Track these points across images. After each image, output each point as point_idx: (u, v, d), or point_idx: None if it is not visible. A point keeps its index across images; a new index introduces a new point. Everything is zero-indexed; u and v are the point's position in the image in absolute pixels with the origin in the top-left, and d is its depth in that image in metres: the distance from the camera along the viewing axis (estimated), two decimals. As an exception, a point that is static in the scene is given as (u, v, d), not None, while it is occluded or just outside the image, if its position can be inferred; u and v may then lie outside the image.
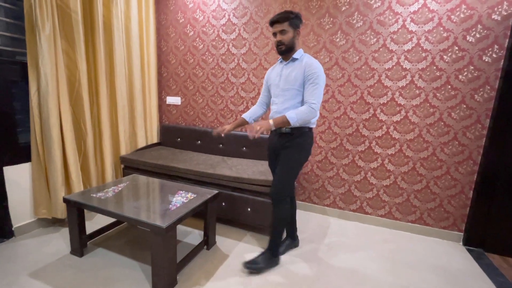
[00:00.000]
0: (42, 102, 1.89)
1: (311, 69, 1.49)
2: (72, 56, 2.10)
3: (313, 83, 1.47)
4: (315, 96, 1.47)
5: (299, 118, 1.45)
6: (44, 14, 1.81)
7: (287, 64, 1.61)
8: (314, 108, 1.46)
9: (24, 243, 1.90)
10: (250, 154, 2.65)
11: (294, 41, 1.55)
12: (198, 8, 2.76)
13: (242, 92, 2.72)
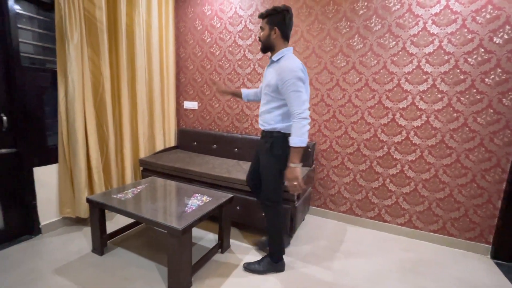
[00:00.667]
0: (69, 106, 2.01)
1: (283, 78, 1.38)
2: (97, 63, 2.22)
3: (291, 91, 1.37)
4: (298, 105, 1.37)
5: (300, 135, 1.37)
6: (73, 25, 1.93)
7: (269, 66, 1.56)
8: (304, 117, 1.37)
9: (50, 240, 2.00)
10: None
11: (270, 40, 1.47)
12: (215, 15, 2.83)
13: (258, 96, 2.74)
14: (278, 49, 1.49)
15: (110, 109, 2.33)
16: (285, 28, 1.46)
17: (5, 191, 1.88)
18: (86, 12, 2.08)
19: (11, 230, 1.94)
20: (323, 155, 2.53)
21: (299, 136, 1.37)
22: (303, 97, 1.38)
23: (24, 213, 1.99)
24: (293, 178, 1.39)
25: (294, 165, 1.40)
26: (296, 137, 1.38)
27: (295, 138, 1.38)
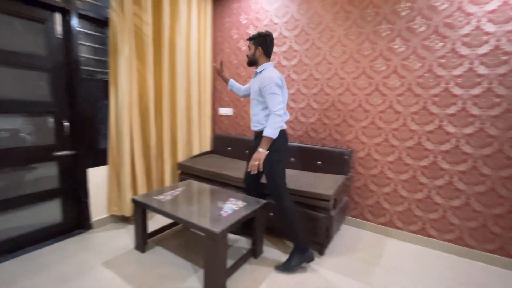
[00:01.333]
0: (118, 114, 2.19)
1: (263, 83, 1.71)
2: (143, 73, 2.40)
3: (269, 94, 1.69)
4: (273, 104, 1.68)
5: (273, 128, 1.67)
6: (124, 39, 2.12)
7: (255, 77, 1.89)
8: (278, 114, 1.67)
9: (99, 235, 2.18)
10: (298, 164, 2.61)
11: (255, 56, 1.84)
12: (251, 24, 2.91)
13: (292, 103, 2.73)
14: (261, 64, 1.86)
15: (153, 116, 2.50)
16: (267, 48, 1.83)
17: (64, 189, 2.11)
18: (135, 27, 2.28)
19: (68, 224, 2.16)
20: (361, 163, 2.42)
21: (271, 129, 1.66)
22: (278, 98, 1.69)
23: (78, 209, 2.20)
24: (257, 158, 1.68)
25: (262, 150, 1.69)
26: (269, 129, 1.67)
27: (268, 130, 1.67)
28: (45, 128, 1.99)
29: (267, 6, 2.77)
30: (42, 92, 1.94)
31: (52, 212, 2.08)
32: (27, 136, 1.92)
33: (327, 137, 2.57)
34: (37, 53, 1.88)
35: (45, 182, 2.02)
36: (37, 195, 1.97)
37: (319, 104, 2.58)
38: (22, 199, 1.89)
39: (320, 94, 2.56)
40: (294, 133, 2.76)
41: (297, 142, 2.74)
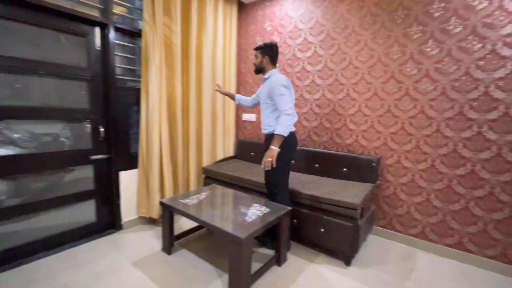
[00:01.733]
0: (148, 120, 2.30)
1: (272, 86, 1.86)
2: (171, 81, 2.51)
3: (278, 95, 1.82)
4: (283, 104, 1.80)
5: (284, 127, 1.78)
6: (155, 49, 2.24)
7: (263, 82, 2.05)
8: (288, 113, 1.78)
9: (129, 236, 2.29)
10: (322, 171, 2.56)
11: (262, 64, 2.01)
12: (275, 30, 2.93)
13: (316, 108, 2.70)
14: (268, 71, 2.02)
15: (180, 122, 2.59)
16: (273, 56, 2.00)
17: (99, 191, 2.25)
18: (165, 37, 2.40)
19: (101, 224, 2.29)
20: (390, 170, 2.32)
21: (283, 127, 1.77)
22: (286, 99, 1.82)
23: (110, 210, 2.33)
24: (270, 155, 1.78)
25: (274, 147, 1.78)
26: (280, 127, 1.78)
27: (279, 128, 1.78)
28: (84, 133, 2.14)
29: (292, 13, 2.78)
30: (82, 100, 2.09)
31: (87, 212, 2.21)
32: (66, 140, 2.08)
33: (353, 143, 2.50)
34: (79, 65, 2.04)
35: (82, 183, 2.16)
36: (75, 195, 2.11)
37: (344, 109, 2.53)
38: (62, 199, 2.04)
39: (345, 99, 2.51)
40: (319, 139, 2.72)
41: (322, 148, 2.69)
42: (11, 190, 1.85)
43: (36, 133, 1.92)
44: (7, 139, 1.84)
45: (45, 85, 1.91)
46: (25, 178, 1.87)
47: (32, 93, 1.86)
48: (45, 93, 1.92)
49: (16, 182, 1.86)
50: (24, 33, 1.78)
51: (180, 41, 2.50)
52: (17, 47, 1.75)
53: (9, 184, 1.84)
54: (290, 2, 2.79)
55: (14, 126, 1.82)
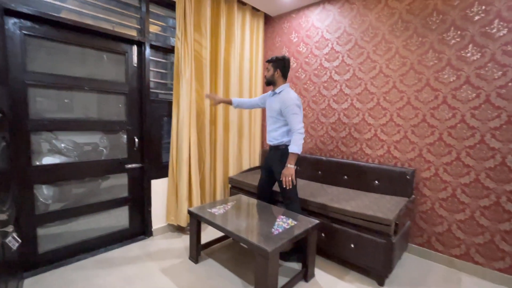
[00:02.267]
0: (179, 131, 2.40)
1: (285, 104, 1.93)
2: (200, 93, 2.61)
3: (291, 114, 1.90)
4: (296, 122, 1.90)
5: (298, 146, 1.88)
6: (186, 63, 2.36)
7: (273, 96, 2.11)
8: (301, 132, 1.89)
9: (158, 242, 2.36)
10: (351, 183, 2.46)
11: (274, 78, 2.04)
12: (301, 41, 2.94)
13: (344, 118, 2.63)
14: (279, 85, 2.06)
15: (208, 132, 2.67)
16: (284, 70, 2.04)
17: (132, 198, 2.36)
18: (195, 52, 2.51)
19: (133, 230, 2.40)
20: (426, 184, 2.16)
21: (297, 146, 1.87)
22: (299, 118, 1.92)
23: (142, 217, 2.43)
24: (288, 174, 1.90)
25: (291, 166, 1.90)
26: (295, 146, 1.88)
27: (294, 147, 1.88)
28: (120, 143, 2.29)
29: (318, 23, 2.78)
30: (119, 113, 2.25)
31: (121, 218, 2.33)
32: (104, 149, 2.23)
33: (385, 155, 2.38)
34: (118, 80, 2.21)
35: (117, 190, 2.29)
36: (111, 202, 2.24)
37: (374, 119, 2.43)
38: (100, 205, 2.18)
39: (376, 108, 2.42)
40: (347, 150, 2.63)
41: (351, 159, 2.59)
42: (56, 195, 2.02)
43: (78, 143, 2.09)
44: (55, 148, 2.03)
45: (88, 99, 2.09)
46: (68, 184, 2.03)
47: (77, 106, 2.04)
48: (87, 106, 2.10)
49: (61, 188, 2.02)
50: (72, 53, 1.97)
51: (209, 55, 2.60)
52: (66, 65, 1.94)
53: (54, 190, 2.01)
54: (316, 13, 2.80)
55: (60, 136, 2.00)
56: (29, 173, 1.81)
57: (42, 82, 1.82)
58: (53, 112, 1.93)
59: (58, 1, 1.87)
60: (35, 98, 1.83)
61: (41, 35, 1.79)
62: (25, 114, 1.76)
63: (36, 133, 1.84)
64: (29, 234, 1.83)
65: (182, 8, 2.31)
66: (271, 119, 2.10)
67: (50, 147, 1.99)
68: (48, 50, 1.87)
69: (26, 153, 1.79)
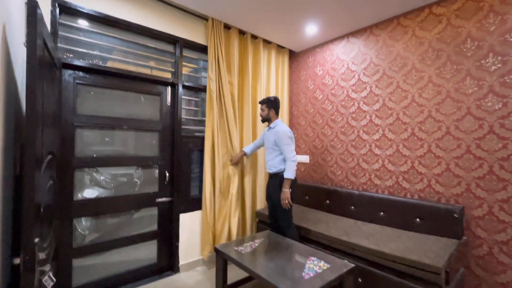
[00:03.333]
0: (211, 165, 2.46)
1: (279, 136, 2.24)
2: (230, 128, 2.67)
3: (284, 144, 2.21)
4: (288, 152, 2.20)
5: (291, 172, 2.16)
6: (216, 101, 2.48)
7: (268, 130, 2.40)
8: (293, 160, 2.18)
9: (184, 279, 2.30)
10: (389, 220, 2.25)
11: (269, 116, 2.36)
12: (327, 74, 2.97)
13: (376, 149, 2.50)
14: (273, 120, 2.38)
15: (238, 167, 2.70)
16: (276, 109, 2.38)
17: (161, 232, 2.39)
18: (225, 90, 2.64)
19: (160, 265, 2.39)
20: (479, 224, 1.90)
21: (290, 172, 2.16)
22: (291, 147, 2.23)
23: (169, 252, 2.43)
24: (284, 197, 2.16)
25: (286, 190, 2.16)
26: (289, 172, 2.17)
27: (288, 173, 2.17)
28: (152, 177, 2.39)
29: (343, 56, 2.81)
30: (153, 148, 2.38)
31: (150, 251, 2.35)
32: (138, 180, 2.34)
33: (426, 189, 2.18)
34: (153, 119, 2.38)
35: (146, 223, 2.34)
36: (141, 236, 2.29)
37: (410, 150, 2.27)
38: (131, 239, 2.23)
39: (411, 139, 2.27)
40: (382, 183, 2.45)
41: (386, 193, 2.41)
42: (92, 226, 2.11)
43: (115, 174, 2.23)
44: (95, 181, 2.18)
45: (126, 136, 2.25)
46: (104, 217, 2.13)
47: (116, 143, 2.21)
48: (125, 143, 2.26)
49: (97, 219, 2.12)
50: (115, 96, 2.19)
51: (237, 92, 2.72)
52: (109, 107, 2.15)
53: (92, 221, 2.12)
54: (341, 46, 2.84)
55: (100, 169, 2.15)
56: (71, 207, 1.93)
57: (88, 123, 2.02)
58: (95, 150, 2.10)
59: (105, 53, 2.13)
60: (82, 138, 2.02)
61: (90, 82, 2.03)
62: (71, 153, 1.94)
63: (80, 169, 2.00)
64: (65, 266, 1.90)
65: (213, 52, 2.49)
66: (268, 150, 2.38)
67: (91, 179, 2.14)
68: (94, 95, 2.10)
69: (69, 189, 1.93)
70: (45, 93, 1.25)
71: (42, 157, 1.20)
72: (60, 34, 1.88)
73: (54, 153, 1.54)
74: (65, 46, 1.92)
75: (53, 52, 1.44)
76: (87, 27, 2.03)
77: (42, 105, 1.18)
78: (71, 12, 1.93)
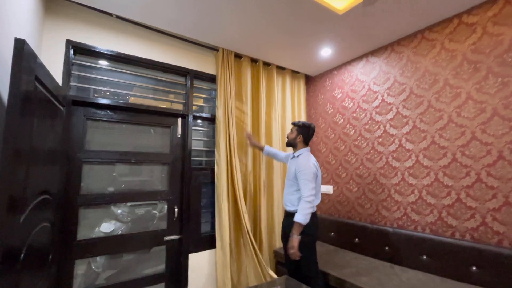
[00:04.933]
0: (222, 199, 2.27)
1: (299, 168, 1.87)
2: (242, 159, 2.52)
3: (302, 179, 1.83)
4: (306, 190, 1.81)
5: (303, 215, 1.75)
6: (228, 131, 2.37)
7: (291, 159, 2.06)
8: (308, 200, 1.78)
9: (192, 333, 2.02)
10: (435, 267, 1.83)
11: (295, 141, 2.03)
12: (346, 96, 2.76)
13: (410, 178, 2.15)
14: (299, 148, 2.03)
15: (251, 200, 2.48)
16: (306, 137, 2.03)
17: (170, 274, 2.18)
18: (237, 118, 2.54)
19: (168, 314, 2.14)
20: None
21: (302, 215, 1.75)
22: (310, 185, 1.81)
23: (178, 297, 2.19)
24: (291, 246, 1.75)
25: (295, 236, 1.75)
26: (300, 215, 1.76)
27: (299, 216, 1.76)
28: (161, 213, 2.25)
29: (363, 77, 2.61)
30: (162, 182, 2.27)
31: (157, 297, 2.13)
32: (157, 212, 2.22)
33: (479, 227, 1.77)
34: (163, 151, 2.30)
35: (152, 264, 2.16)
36: (148, 278, 2.09)
37: (452, 179, 1.91)
38: (136, 282, 2.04)
39: (452, 166, 1.92)
40: (420, 219, 2.07)
41: (428, 232, 2.01)
42: (106, 264, 2.01)
43: (133, 206, 2.15)
44: (112, 215, 2.09)
45: (135, 170, 2.18)
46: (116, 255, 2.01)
47: (122, 178, 2.13)
48: (133, 177, 2.17)
49: (111, 257, 2.01)
50: (124, 129, 2.16)
51: (250, 119, 2.60)
52: (117, 141, 2.12)
53: (106, 259, 2.01)
54: (360, 67, 2.65)
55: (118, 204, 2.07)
56: (72, 248, 1.83)
57: (95, 159, 1.97)
58: (101, 186, 2.03)
59: (117, 89, 2.15)
60: (88, 174, 1.97)
61: (100, 117, 2.03)
62: (76, 190, 1.88)
63: (85, 207, 1.93)
64: (63, 316, 1.75)
65: (222, 80, 2.44)
66: (287, 182, 2.03)
67: (108, 214, 2.06)
68: (103, 130, 2.08)
69: (73, 229, 1.84)
70: (37, 130, 1.19)
71: (26, 199, 1.10)
72: (74, 74, 1.94)
73: (50, 192, 1.46)
74: (77, 84, 1.96)
75: (54, 90, 1.43)
76: (100, 65, 2.08)
77: (30, 142, 1.12)
78: (85, 52, 1.99)
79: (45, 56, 1.77)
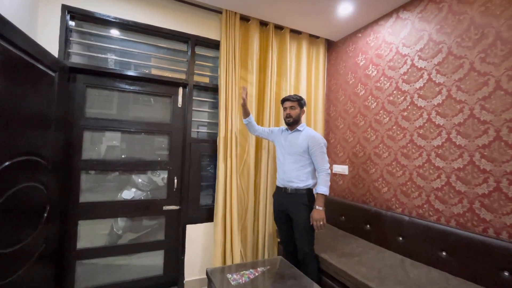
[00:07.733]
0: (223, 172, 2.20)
1: (315, 141, 1.86)
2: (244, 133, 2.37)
3: (320, 152, 1.84)
4: (324, 162, 1.84)
5: (327, 186, 1.78)
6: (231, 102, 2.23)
7: (292, 133, 1.97)
8: (328, 172, 1.82)
9: (186, 300, 2.07)
10: (456, 266, 1.52)
11: (300, 117, 1.97)
12: (370, 63, 2.35)
13: (438, 159, 1.78)
14: (300, 123, 1.99)
15: (253, 174, 2.36)
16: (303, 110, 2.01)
17: (168, 243, 2.23)
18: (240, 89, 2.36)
19: (166, 278, 2.21)
20: None
21: (326, 187, 1.78)
22: (327, 157, 1.87)
23: (175, 266, 2.24)
24: (320, 218, 1.73)
25: (321, 208, 1.75)
26: (324, 187, 1.78)
27: (323, 188, 1.78)
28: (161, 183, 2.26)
29: (391, 38, 2.17)
30: (163, 152, 2.27)
31: (157, 262, 2.21)
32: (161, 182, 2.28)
33: (523, 225, 1.38)
34: (164, 121, 2.26)
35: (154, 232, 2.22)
36: (149, 244, 2.17)
37: (493, 163, 1.50)
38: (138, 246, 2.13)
39: (493, 146, 1.51)
40: (445, 209, 1.71)
41: (453, 225, 1.66)
42: (127, 226, 2.18)
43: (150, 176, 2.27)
44: (133, 184, 2.21)
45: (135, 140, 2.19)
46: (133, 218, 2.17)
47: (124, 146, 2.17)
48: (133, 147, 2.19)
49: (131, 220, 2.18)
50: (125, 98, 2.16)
51: (255, 91, 2.40)
52: (118, 110, 2.13)
53: (127, 221, 2.17)
54: (388, 26, 2.20)
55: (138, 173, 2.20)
56: (75, 209, 1.94)
57: (95, 126, 2.02)
58: (103, 153, 2.09)
59: (118, 57, 2.13)
60: (90, 141, 2.03)
61: (100, 85, 2.04)
62: (79, 156, 1.96)
63: (86, 171, 2.01)
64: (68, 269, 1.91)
65: (225, 46, 2.25)
66: (292, 158, 1.91)
67: (129, 182, 2.16)
68: (103, 98, 2.10)
69: (75, 191, 1.94)
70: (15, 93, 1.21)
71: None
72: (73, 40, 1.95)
73: (41, 155, 1.52)
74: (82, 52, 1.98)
75: (37, 54, 1.43)
76: (98, 31, 2.05)
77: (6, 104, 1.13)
78: (82, 18, 1.98)
79: (41, 22, 1.79)
